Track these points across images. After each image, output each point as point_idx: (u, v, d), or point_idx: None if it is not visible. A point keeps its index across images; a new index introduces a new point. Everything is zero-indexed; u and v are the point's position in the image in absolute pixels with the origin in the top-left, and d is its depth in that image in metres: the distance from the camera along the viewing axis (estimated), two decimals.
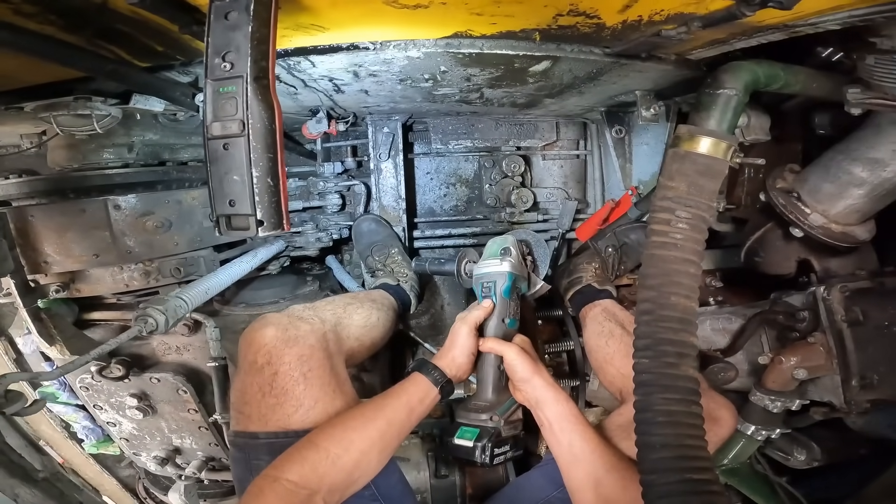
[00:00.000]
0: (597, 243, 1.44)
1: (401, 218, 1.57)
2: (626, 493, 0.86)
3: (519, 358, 1.00)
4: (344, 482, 0.84)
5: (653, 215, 0.91)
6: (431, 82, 1.25)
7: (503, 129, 1.66)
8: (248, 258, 1.31)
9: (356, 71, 1.16)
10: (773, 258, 1.24)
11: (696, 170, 0.93)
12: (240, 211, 0.75)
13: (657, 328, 0.82)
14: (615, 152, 1.55)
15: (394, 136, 1.57)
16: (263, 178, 0.74)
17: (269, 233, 0.77)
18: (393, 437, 0.92)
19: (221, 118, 0.72)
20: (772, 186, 1.17)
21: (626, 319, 1.21)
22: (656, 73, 1.19)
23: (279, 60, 1.05)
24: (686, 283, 0.85)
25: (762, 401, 1.12)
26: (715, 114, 0.94)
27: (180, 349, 1.38)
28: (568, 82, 1.27)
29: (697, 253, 0.88)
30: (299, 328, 0.99)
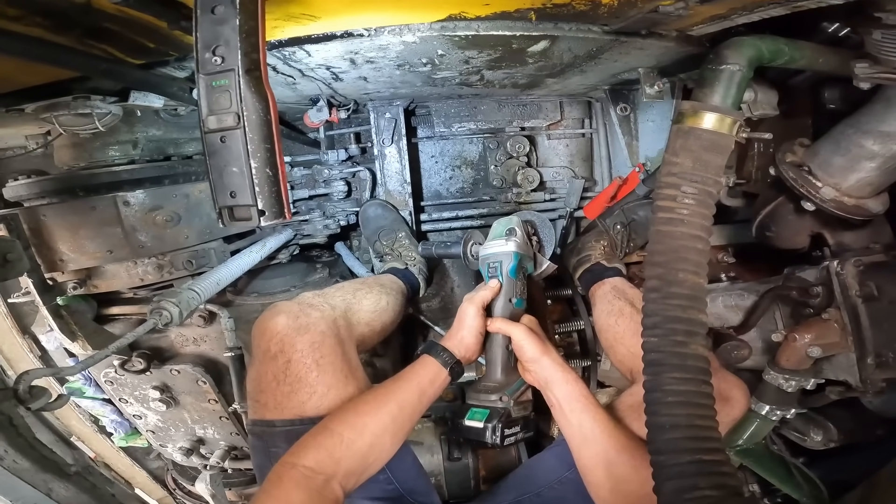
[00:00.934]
0: (605, 221, 1.40)
1: (407, 202, 1.55)
2: (637, 474, 0.85)
3: (527, 338, 0.98)
4: (359, 466, 0.84)
5: (658, 191, 0.88)
6: (430, 66, 1.21)
7: (506, 110, 1.61)
8: (257, 248, 1.30)
9: (352, 58, 1.12)
10: (784, 232, 1.19)
11: (700, 145, 0.90)
12: (241, 202, 0.74)
13: (665, 305, 0.79)
14: (621, 130, 1.49)
15: (396, 122, 1.53)
16: (262, 168, 0.73)
17: (272, 222, 0.76)
18: (405, 420, 0.91)
19: (217, 112, 0.70)
20: (781, 160, 1.12)
21: (635, 297, 1.18)
22: (658, 50, 1.14)
23: (274, 52, 1.02)
24: (694, 259, 0.82)
25: (776, 380, 1.09)
26: (719, 89, 0.90)
27: (197, 340, 1.39)
28: (568, 61, 1.22)
29: (705, 228, 0.85)
30: (310, 315, 0.99)
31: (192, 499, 1.74)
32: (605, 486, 0.89)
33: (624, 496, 0.86)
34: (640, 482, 0.82)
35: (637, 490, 0.83)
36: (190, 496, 1.74)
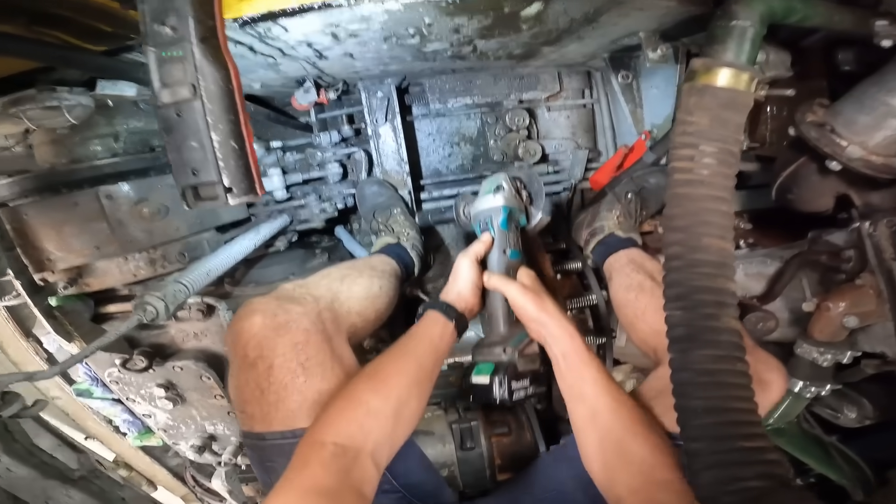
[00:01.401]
0: (615, 190, 1.31)
1: (405, 181, 1.46)
2: (636, 442, 0.78)
3: (521, 296, 0.91)
4: (388, 436, 0.77)
5: (673, 152, 0.80)
6: (418, 38, 1.11)
7: (503, 83, 1.50)
8: (250, 235, 1.23)
9: (334, 32, 1.03)
10: (807, 194, 1.08)
11: (717, 103, 0.82)
12: (204, 179, 0.67)
13: (690, 274, 0.72)
14: (623, 98, 1.38)
15: (389, 100, 1.43)
16: (225, 141, 0.66)
17: (241, 199, 0.69)
18: (425, 378, 0.86)
19: (170, 84, 0.63)
20: (801, 120, 1.02)
21: (655, 269, 1.07)
22: (659, 11, 1.04)
23: (247, 29, 0.93)
24: (718, 223, 0.74)
25: (810, 353, 1.00)
26: (731, 46, 0.82)
27: (198, 335, 1.34)
28: (565, 26, 1.12)
29: (728, 189, 0.77)
30: (290, 311, 0.87)
31: (211, 495, 1.71)
32: (594, 450, 0.81)
33: (615, 467, 0.78)
34: (640, 452, 0.76)
35: (635, 462, 0.76)
36: (209, 493, 1.71)
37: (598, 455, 0.80)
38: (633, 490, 0.74)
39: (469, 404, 1.16)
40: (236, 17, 0.87)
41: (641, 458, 0.76)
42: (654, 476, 0.74)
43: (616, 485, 0.77)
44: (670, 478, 0.73)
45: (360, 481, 0.69)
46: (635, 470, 0.75)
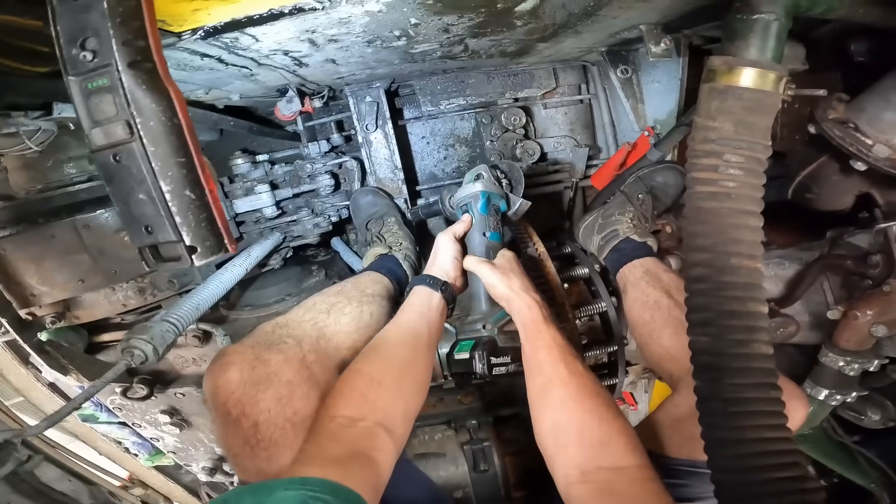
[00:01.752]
0: (624, 190, 1.17)
1: (400, 189, 1.33)
2: (577, 419, 0.69)
3: (490, 274, 0.87)
4: (395, 402, 0.71)
5: (694, 162, 0.70)
6: (405, 39, 0.96)
7: (497, 82, 1.35)
8: (240, 261, 1.10)
9: (311, 38, 0.88)
10: (828, 193, 0.96)
11: (742, 106, 0.70)
12: (161, 238, 0.55)
13: (717, 299, 0.64)
14: (623, 93, 1.24)
15: (378, 105, 1.29)
16: (179, 191, 0.52)
17: (209, 259, 0.56)
18: (422, 346, 0.80)
19: (101, 122, 0.49)
20: (823, 117, 0.89)
21: (672, 284, 0.95)
22: (663, 3, 0.91)
23: (211, 41, 0.79)
24: (748, 240, 0.66)
25: (835, 362, 0.90)
26: (754, 41, 0.70)
27: (197, 360, 1.23)
28: (562, 21, 0.97)
29: (757, 202, 0.68)
30: (269, 363, 0.75)
31: None
32: (546, 424, 0.71)
33: (566, 443, 0.68)
34: (595, 431, 0.67)
35: (587, 440, 0.67)
36: None
37: (550, 429, 0.71)
38: (584, 471, 0.65)
39: (480, 421, 1.06)
40: (195, 29, 0.73)
41: (596, 437, 0.67)
42: (609, 459, 0.64)
43: (565, 463, 0.67)
44: (627, 464, 0.64)
45: (370, 448, 0.65)
46: (587, 449, 0.66)
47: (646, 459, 0.64)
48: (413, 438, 1.05)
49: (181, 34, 0.73)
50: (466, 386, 1.12)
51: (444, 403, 1.09)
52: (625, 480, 0.62)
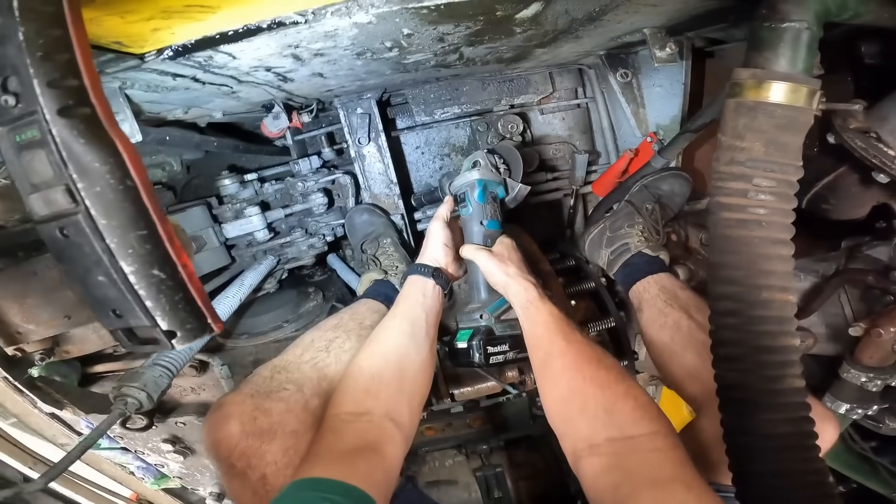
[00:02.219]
0: (631, 200, 1.07)
1: (397, 204, 1.20)
2: (580, 384, 0.63)
3: (487, 262, 0.81)
4: (399, 392, 0.68)
5: (719, 185, 0.62)
6: (397, 51, 0.83)
7: (492, 88, 1.22)
8: (233, 291, 0.99)
9: (295, 54, 0.75)
10: (845, 204, 0.87)
11: (774, 124, 0.60)
12: (134, 323, 0.43)
13: (747, 334, 0.58)
14: (624, 98, 1.12)
15: (370, 117, 1.15)
16: (144, 270, 0.41)
17: (191, 342, 0.45)
18: (420, 333, 0.75)
19: (39, 186, 0.37)
20: (843, 127, 0.79)
21: (691, 303, 0.86)
22: (675, 6, 0.81)
23: (183, 60, 0.65)
24: (780, 271, 0.59)
25: (857, 378, 0.83)
26: (784, 52, 0.60)
27: (196, 389, 1.12)
28: (563, 27, 0.86)
29: (788, 229, 0.60)
30: (271, 413, 0.68)
31: None
32: (552, 399, 0.65)
33: (572, 416, 0.61)
34: (598, 400, 0.60)
35: (590, 411, 0.59)
36: None
37: (555, 404, 0.65)
38: (592, 444, 0.57)
39: (491, 446, 0.97)
40: (160, 49, 0.60)
41: (600, 405, 0.59)
42: (616, 428, 0.57)
43: (574, 438, 0.59)
44: (636, 432, 0.56)
45: (376, 441, 0.61)
46: (592, 419, 0.59)
47: (658, 426, 0.56)
48: (423, 465, 0.96)
49: (144, 56, 0.60)
50: (475, 410, 1.02)
51: (452, 428, 1.00)
52: (634, 451, 0.54)
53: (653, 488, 0.49)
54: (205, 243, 1.01)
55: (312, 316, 1.09)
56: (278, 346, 1.06)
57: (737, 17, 0.88)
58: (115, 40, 0.54)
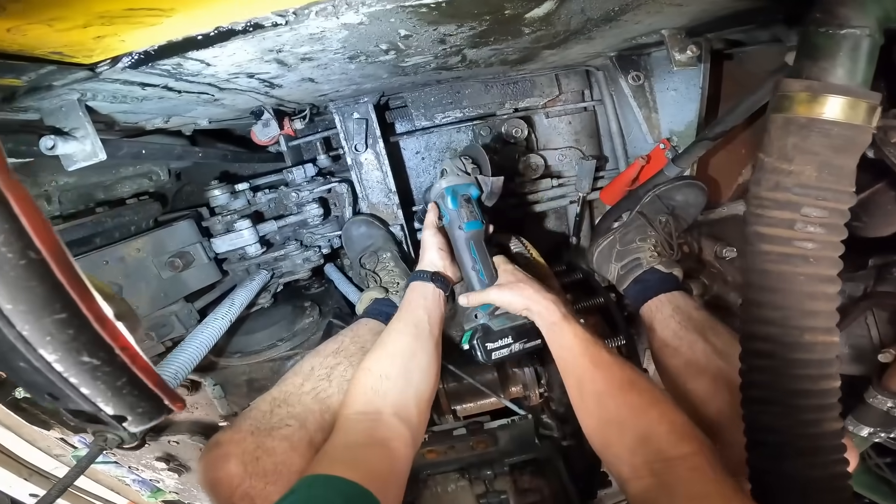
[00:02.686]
0: (643, 212, 0.96)
1: (396, 214, 1.10)
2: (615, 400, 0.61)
3: (502, 296, 0.77)
4: (405, 390, 0.66)
5: (760, 213, 0.52)
6: (394, 53, 0.72)
7: (495, 91, 1.11)
8: (222, 311, 0.89)
9: (279, 59, 0.64)
10: (878, 222, 0.78)
11: (829, 145, 0.50)
12: (75, 406, 0.35)
13: (785, 378, 0.51)
14: (636, 102, 1.01)
15: (367, 122, 1.04)
16: (69, 357, 0.32)
17: (146, 425, 0.36)
18: (424, 334, 0.73)
19: None
20: (885, 141, 0.69)
21: (706, 324, 0.78)
22: (700, 6, 0.70)
23: (146, 69, 0.55)
24: (825, 311, 0.51)
25: (883, 404, 0.76)
26: (843, 61, 0.50)
27: (188, 408, 1.03)
28: (576, 27, 0.75)
29: (836, 264, 0.51)
30: (274, 452, 0.61)
31: None
32: (589, 424, 0.63)
33: (612, 442, 0.59)
34: (634, 424, 0.57)
35: (629, 434, 0.57)
36: None
37: (594, 431, 0.62)
38: (633, 467, 0.56)
39: (496, 471, 0.88)
40: (115, 58, 0.49)
41: (637, 431, 0.57)
42: (654, 452, 0.56)
43: (615, 462, 0.59)
44: (675, 454, 0.54)
45: (385, 438, 0.60)
46: (630, 446, 0.57)
47: (695, 446, 0.54)
48: (425, 490, 0.88)
49: (95, 66, 0.50)
50: (478, 433, 0.94)
51: (455, 451, 0.92)
52: (672, 472, 0.53)
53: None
54: (192, 260, 0.91)
55: (308, 333, 1.00)
56: (273, 365, 0.97)
57: (767, 18, 0.76)
58: (54, 50, 0.43)
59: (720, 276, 0.99)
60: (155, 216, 0.99)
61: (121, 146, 0.70)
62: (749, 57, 0.97)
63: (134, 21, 0.39)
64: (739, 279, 1.03)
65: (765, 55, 0.93)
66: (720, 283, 0.99)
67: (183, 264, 0.89)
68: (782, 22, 0.73)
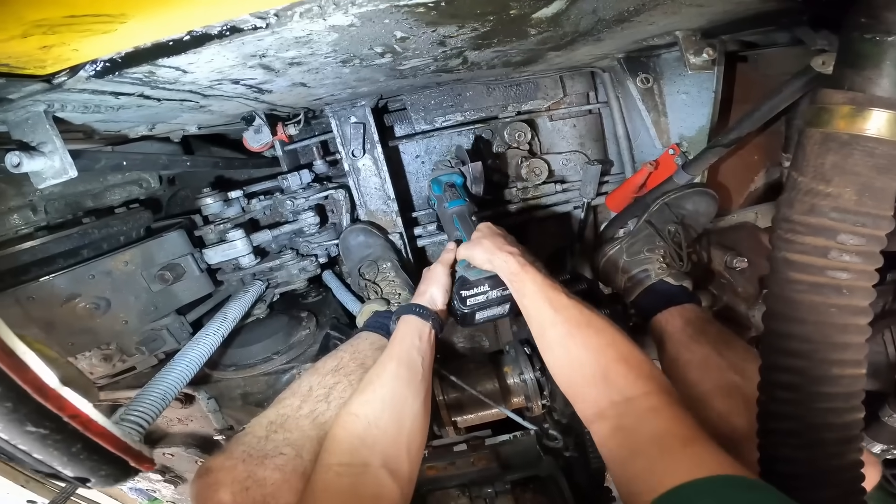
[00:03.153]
0: (651, 221, 0.90)
1: (395, 222, 1.04)
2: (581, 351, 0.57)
3: (470, 251, 0.75)
4: (396, 440, 0.60)
5: (790, 239, 0.47)
6: (390, 56, 0.66)
7: (497, 94, 1.04)
8: (214, 327, 0.83)
9: (264, 64, 0.58)
10: None
11: (873, 165, 0.43)
12: (40, 467, 0.31)
13: (808, 410, 0.47)
14: (644, 105, 0.94)
15: (365, 126, 0.98)
16: (14, 427, 0.30)
17: (114, 485, 0.33)
18: (416, 377, 0.67)
19: None
20: None
21: (719, 337, 0.73)
22: (722, 7, 0.63)
23: (114, 77, 0.48)
24: (856, 344, 0.46)
25: None
26: (890, 72, 0.43)
27: (183, 420, 0.98)
28: (586, 28, 0.68)
29: (870, 294, 0.46)
30: (265, 484, 0.56)
31: None
32: (555, 371, 0.60)
33: (577, 385, 0.57)
34: (594, 368, 0.55)
35: (588, 377, 0.55)
36: None
37: (559, 374, 0.60)
38: (598, 409, 0.53)
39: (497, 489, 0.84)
40: (74, 67, 0.43)
41: (596, 371, 0.55)
42: (615, 392, 0.53)
43: (581, 405, 0.56)
44: (633, 394, 0.52)
45: (372, 495, 0.54)
46: (592, 386, 0.55)
47: (652, 385, 0.52)
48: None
49: (52, 77, 0.43)
50: (479, 449, 0.89)
51: (456, 466, 0.87)
52: (633, 412, 0.51)
53: (652, 443, 0.47)
54: (183, 272, 0.86)
55: (304, 346, 0.94)
56: (268, 379, 0.92)
57: (792, 19, 0.69)
58: (1, 63, 0.37)
59: (730, 288, 0.93)
60: (146, 224, 0.94)
61: (98, 158, 0.64)
62: (764, 59, 0.90)
63: (80, 29, 0.33)
64: (751, 290, 0.98)
65: (782, 57, 0.85)
66: (730, 294, 0.93)
67: (173, 277, 0.83)
68: (807, 24, 0.65)
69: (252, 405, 0.91)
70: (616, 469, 0.49)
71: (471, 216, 0.86)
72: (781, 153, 0.88)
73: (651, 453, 0.46)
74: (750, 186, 1.00)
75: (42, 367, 0.30)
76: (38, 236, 0.82)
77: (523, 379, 1.01)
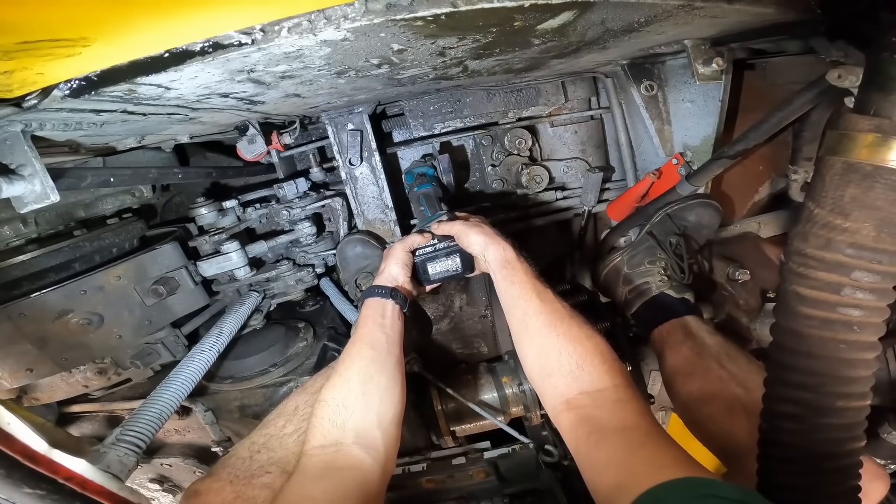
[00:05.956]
0: (653, 232, 0.87)
1: (393, 231, 1.00)
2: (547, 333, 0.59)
3: (465, 228, 0.73)
4: (368, 419, 0.59)
5: (802, 272, 0.44)
6: (387, 67, 0.62)
7: (498, 99, 1.00)
8: (209, 342, 0.80)
9: (254, 78, 0.54)
10: None
11: (894, 199, 0.40)
12: None
13: (811, 441, 0.46)
14: (648, 113, 0.90)
15: (363, 133, 0.94)
16: (12, 488, 0.29)
17: None
18: (383, 355, 0.66)
19: None
20: None
21: (721, 350, 0.71)
22: (738, 18, 0.59)
23: (91, 97, 0.45)
24: (862, 378, 0.45)
25: None
26: None
27: (180, 431, 0.96)
28: (592, 38, 0.64)
29: (881, 329, 0.43)
30: (255, 501, 0.57)
31: None
32: (525, 359, 0.62)
33: (545, 374, 0.58)
34: (564, 357, 0.57)
35: (553, 367, 0.57)
36: None
37: (535, 361, 0.61)
38: (568, 399, 0.55)
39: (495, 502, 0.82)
40: (45, 89, 0.40)
41: (573, 360, 0.56)
42: (587, 382, 0.55)
43: (552, 394, 0.57)
44: (603, 385, 0.54)
45: (347, 468, 0.55)
46: (566, 375, 0.56)
47: (620, 379, 0.55)
48: None
49: (22, 100, 0.40)
50: (478, 462, 0.86)
51: (454, 480, 0.85)
52: (602, 403, 0.53)
53: (617, 434, 0.49)
54: (177, 286, 0.82)
55: (302, 358, 0.91)
56: (265, 391, 0.89)
57: (808, 30, 0.65)
58: None
59: (732, 300, 0.90)
60: (139, 235, 0.90)
61: (84, 176, 0.60)
62: (773, 67, 0.86)
63: (39, 54, 0.29)
64: (752, 302, 0.95)
65: (792, 66, 0.81)
66: (732, 306, 0.90)
67: (167, 291, 0.80)
68: (823, 34, 0.61)
69: (249, 417, 0.89)
70: (581, 458, 0.50)
71: (438, 199, 0.86)
72: (789, 165, 0.85)
73: (616, 444, 0.47)
74: (754, 197, 0.97)
75: (29, 434, 0.29)
76: (29, 249, 0.78)
77: (522, 389, 0.99)
